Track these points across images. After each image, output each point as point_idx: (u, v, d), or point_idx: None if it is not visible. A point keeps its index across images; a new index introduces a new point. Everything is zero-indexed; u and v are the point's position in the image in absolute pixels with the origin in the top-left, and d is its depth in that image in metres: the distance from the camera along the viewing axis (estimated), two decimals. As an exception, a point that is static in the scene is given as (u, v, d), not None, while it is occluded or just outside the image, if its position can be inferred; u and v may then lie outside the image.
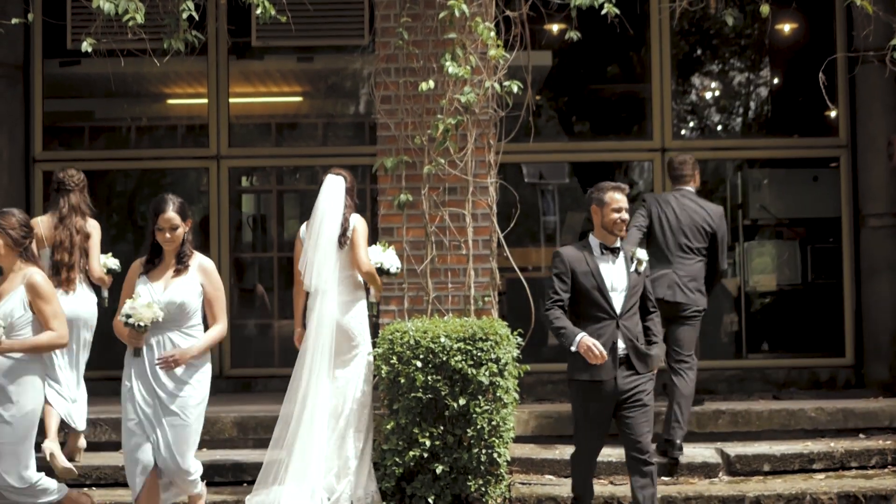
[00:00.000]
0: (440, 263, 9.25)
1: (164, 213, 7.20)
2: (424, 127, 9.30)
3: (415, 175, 9.36)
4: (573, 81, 12.20)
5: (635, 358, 7.46)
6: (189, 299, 7.25)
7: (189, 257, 7.32)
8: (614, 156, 11.88)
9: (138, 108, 12.13)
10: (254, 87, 12.18)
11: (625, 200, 7.46)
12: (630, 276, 7.52)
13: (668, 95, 11.45)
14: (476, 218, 9.35)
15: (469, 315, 9.07)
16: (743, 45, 12.52)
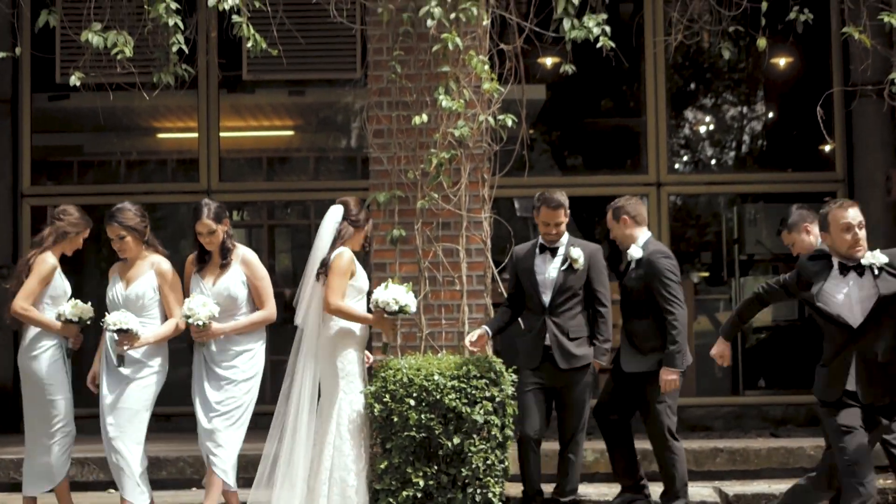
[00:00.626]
0: (433, 299, 9.10)
1: (199, 219, 7.90)
2: (418, 161, 9.17)
3: (408, 210, 9.22)
4: (567, 115, 12.13)
5: (557, 353, 8.05)
6: (236, 291, 7.96)
7: (231, 252, 8.00)
8: (609, 190, 11.59)
9: (128, 143, 12.02)
10: (245, 120, 12.10)
11: (555, 214, 8.16)
12: (562, 273, 8.10)
13: (663, 129, 11.36)
14: (470, 253, 9.21)
15: (463, 352, 8.91)
16: (738, 79, 12.48)
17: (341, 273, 7.92)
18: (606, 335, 8.16)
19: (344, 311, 7.91)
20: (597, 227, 12.67)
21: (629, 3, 11.78)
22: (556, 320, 8.15)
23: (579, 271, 8.16)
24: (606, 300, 8.21)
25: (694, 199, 12.25)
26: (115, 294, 8.02)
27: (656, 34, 10.97)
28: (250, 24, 8.88)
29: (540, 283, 8.20)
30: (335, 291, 7.89)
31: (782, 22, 9.45)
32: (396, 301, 7.89)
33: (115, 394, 7.88)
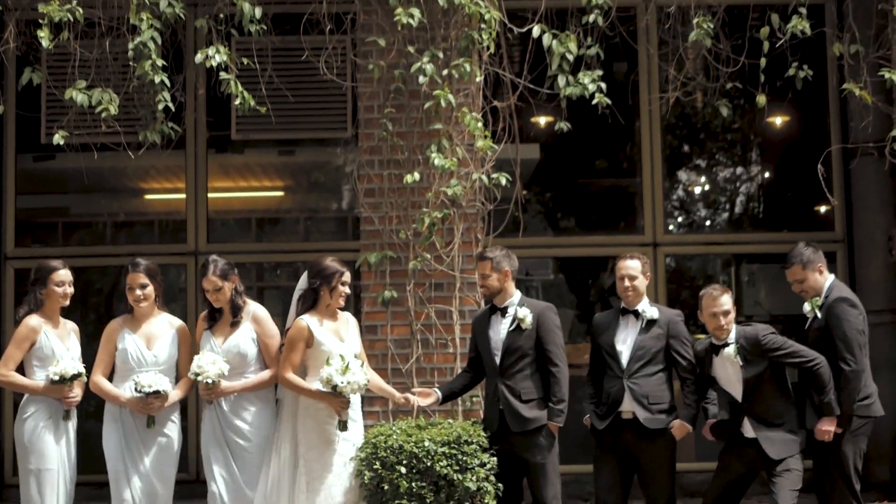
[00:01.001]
0: (426, 362, 8.89)
1: (205, 276, 7.79)
2: (409, 221, 8.99)
3: (399, 271, 9.02)
4: (562, 175, 11.87)
5: (509, 416, 7.80)
6: (245, 348, 7.81)
7: (241, 309, 7.85)
8: (605, 251, 11.44)
9: (114, 203, 11.72)
10: (233, 181, 11.84)
11: (479, 267, 8.04)
12: (510, 334, 7.88)
13: (659, 189, 11.14)
14: (464, 315, 9.01)
15: (457, 416, 8.65)
16: (733, 138, 12.25)
17: (292, 344, 7.64)
18: (560, 395, 7.86)
19: (290, 384, 7.64)
20: (591, 288, 12.41)
21: (623, 63, 11.60)
22: (507, 382, 7.89)
23: (527, 331, 7.90)
24: (558, 359, 7.91)
25: (690, 259, 11.96)
26: (139, 353, 7.89)
27: (651, 92, 10.79)
28: (238, 82, 8.68)
29: (492, 344, 7.97)
30: (283, 363, 7.65)
31: (780, 79, 9.30)
32: (329, 381, 7.47)
33: (152, 457, 7.88)
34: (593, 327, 8.29)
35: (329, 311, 7.73)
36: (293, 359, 7.61)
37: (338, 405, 7.52)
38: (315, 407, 7.61)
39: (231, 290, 7.85)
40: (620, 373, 8.02)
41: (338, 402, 7.50)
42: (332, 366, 7.42)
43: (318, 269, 7.75)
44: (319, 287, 7.69)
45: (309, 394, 7.56)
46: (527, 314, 7.90)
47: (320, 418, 7.61)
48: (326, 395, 7.49)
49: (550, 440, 7.87)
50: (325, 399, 7.51)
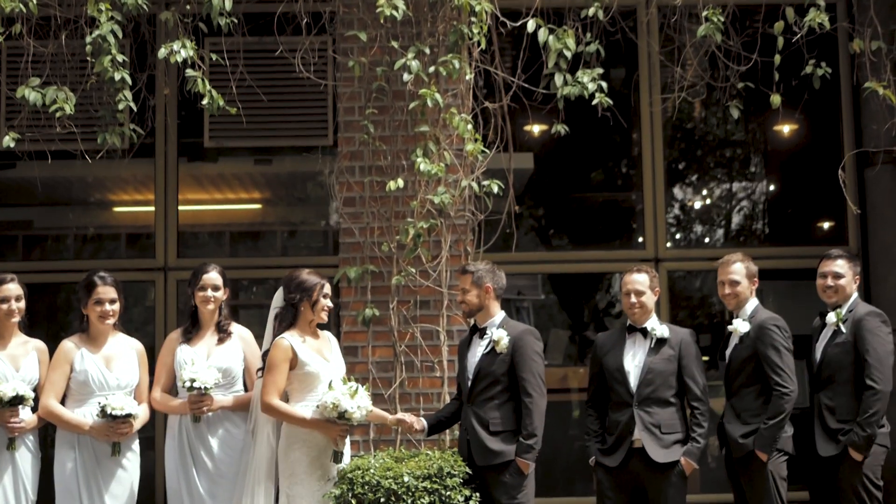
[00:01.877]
0: (410, 387, 8.25)
1: (206, 272, 7.51)
2: (393, 232, 8.35)
3: (382, 287, 8.39)
4: (557, 186, 11.17)
5: (474, 447, 7.18)
6: (233, 365, 7.44)
7: (229, 325, 7.56)
8: (604, 266, 10.81)
9: (78, 216, 11.00)
10: (206, 191, 11.09)
11: (461, 280, 7.40)
12: (483, 357, 7.26)
13: (661, 200, 10.36)
14: (452, 335, 8.39)
15: (444, 446, 7.94)
16: (740, 149, 11.56)
17: (274, 366, 6.99)
18: (531, 429, 7.13)
19: (276, 411, 7.00)
20: (586, 307, 11.71)
21: (621, 69, 10.93)
22: (476, 410, 7.24)
23: (502, 355, 7.23)
24: (533, 389, 7.18)
25: (693, 275, 11.29)
26: (100, 375, 7.37)
27: (653, 94, 10.06)
28: (206, 80, 7.95)
29: (467, 368, 7.36)
30: (267, 388, 6.99)
31: (790, 81, 8.61)
32: (335, 406, 6.85)
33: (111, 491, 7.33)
34: (596, 347, 7.61)
35: (311, 329, 7.15)
36: (278, 382, 6.97)
37: (337, 433, 6.91)
38: (305, 437, 6.96)
39: (224, 299, 7.60)
40: (629, 398, 7.33)
41: (338, 430, 6.90)
42: (335, 389, 6.83)
43: (296, 282, 7.15)
44: (299, 302, 7.10)
45: (300, 422, 6.91)
46: (502, 336, 7.25)
47: (312, 449, 6.96)
48: (322, 423, 6.89)
49: (519, 479, 7.13)
50: (319, 427, 6.90)
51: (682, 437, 7.33)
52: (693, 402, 7.36)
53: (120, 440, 7.27)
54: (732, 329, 7.52)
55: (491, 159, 8.35)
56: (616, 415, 7.42)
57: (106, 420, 7.20)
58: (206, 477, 7.33)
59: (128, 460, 7.36)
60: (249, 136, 9.97)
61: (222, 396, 7.41)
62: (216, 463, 7.34)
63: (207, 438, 7.36)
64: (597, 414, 7.60)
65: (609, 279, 11.53)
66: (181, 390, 7.43)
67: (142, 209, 10.70)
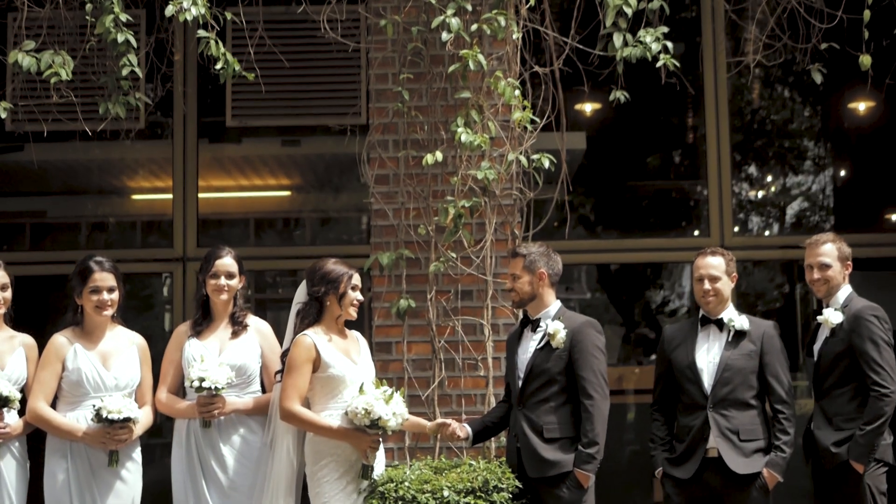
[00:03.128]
0: (451, 388, 7.37)
1: (219, 258, 6.66)
2: (431, 213, 7.45)
3: (419, 275, 7.50)
4: (611, 167, 10.32)
5: (525, 456, 6.27)
6: (249, 362, 6.61)
7: (245, 317, 6.72)
8: (664, 256, 9.88)
9: (92, 203, 10.26)
10: (229, 176, 10.27)
11: (510, 266, 6.55)
12: (536, 353, 6.35)
13: (726, 181, 9.34)
14: (497, 329, 7.48)
15: (489, 455, 7.04)
16: (812, 126, 10.63)
17: (295, 367, 6.15)
18: (592, 436, 6.18)
19: (298, 419, 6.14)
20: (643, 297, 10.78)
21: (680, 44, 9.98)
22: (528, 414, 6.32)
23: (558, 351, 6.29)
24: (595, 390, 6.23)
25: (762, 264, 10.41)
26: (96, 374, 6.50)
27: (719, 62, 9.05)
28: (220, 42, 7.06)
29: (518, 366, 6.45)
30: (287, 392, 6.14)
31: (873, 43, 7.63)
32: (368, 412, 6.00)
33: None
34: (663, 342, 6.68)
35: (338, 327, 6.33)
36: (300, 385, 6.13)
37: (368, 444, 6.06)
38: (334, 450, 6.13)
39: (240, 288, 6.74)
40: (703, 400, 6.38)
41: (369, 440, 6.05)
42: (367, 393, 5.99)
43: (320, 273, 6.34)
44: (324, 295, 6.28)
45: (327, 432, 6.08)
46: (558, 329, 6.32)
47: (341, 464, 6.12)
48: (352, 433, 6.06)
49: (578, 493, 6.20)
50: (348, 437, 6.06)
51: (765, 445, 6.40)
52: (777, 405, 6.41)
53: (118, 448, 6.41)
54: (822, 320, 6.54)
55: (539, 138, 7.46)
56: (687, 419, 6.48)
57: (102, 425, 6.36)
58: (216, 490, 6.50)
59: (127, 471, 6.51)
60: (275, 114, 9.19)
61: (236, 398, 6.58)
62: (229, 475, 6.51)
63: (219, 446, 6.53)
64: (664, 418, 6.66)
65: (669, 270, 10.63)
66: (189, 391, 6.61)
67: (159, 196, 9.90)
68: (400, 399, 6.08)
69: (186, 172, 9.43)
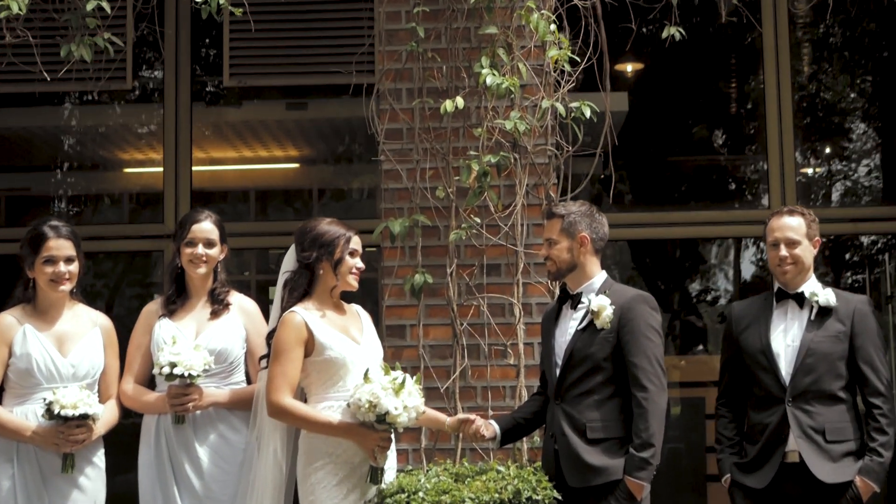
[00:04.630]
0: (475, 379, 6.35)
1: (196, 222, 5.71)
2: (451, 174, 6.42)
3: (437, 246, 6.48)
4: (658, 131, 9.26)
5: (564, 460, 5.20)
6: (231, 347, 5.65)
7: (227, 294, 5.75)
8: (718, 230, 8.80)
9: (75, 175, 9.35)
10: (228, 142, 9.32)
11: (546, 229, 5.50)
12: (577, 334, 5.28)
13: (788, 145, 8.26)
14: (530, 310, 6.45)
15: (521, 458, 6.08)
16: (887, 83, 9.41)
17: (283, 351, 5.14)
18: (646, 437, 5.09)
19: (289, 414, 5.13)
20: (693, 275, 10.09)
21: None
22: (567, 409, 5.26)
23: (603, 332, 5.21)
24: (649, 380, 5.14)
25: (833, 241, 9.56)
26: (48, 361, 5.54)
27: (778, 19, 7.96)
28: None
29: (555, 350, 5.40)
30: (275, 382, 5.12)
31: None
32: (373, 404, 4.95)
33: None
34: (731, 322, 5.61)
35: (333, 300, 5.30)
36: (289, 373, 5.11)
37: (375, 443, 5.03)
38: (332, 449, 5.11)
39: (221, 259, 5.80)
40: (780, 392, 5.31)
41: (376, 438, 5.02)
42: (373, 382, 4.95)
43: (312, 235, 5.31)
44: (316, 262, 5.27)
45: (324, 428, 5.06)
46: (604, 305, 5.22)
47: (341, 466, 5.11)
48: (355, 430, 5.02)
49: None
50: (351, 435, 5.03)
51: (856, 447, 5.35)
52: (871, 398, 5.35)
53: (73, 451, 5.40)
54: None
55: (574, 99, 6.38)
56: (760, 415, 5.40)
57: (54, 423, 5.36)
58: (191, 499, 5.52)
59: (86, 478, 5.51)
60: (278, 72, 8.13)
61: (216, 389, 5.59)
62: (205, 480, 5.51)
63: (194, 447, 5.53)
64: (732, 415, 5.57)
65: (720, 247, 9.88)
66: (159, 380, 5.62)
67: (149, 167, 9.04)
68: (414, 388, 5.02)
69: (179, 140, 8.45)
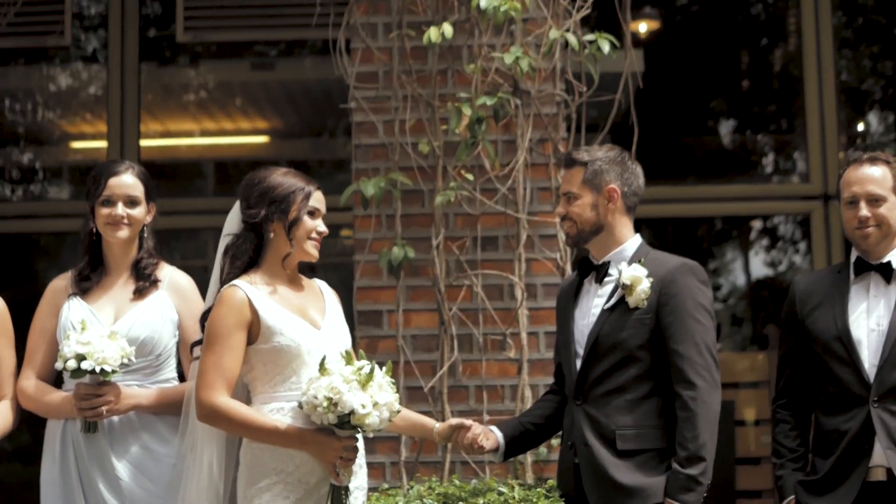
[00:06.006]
0: (467, 376, 5.35)
1: (114, 174, 4.71)
2: (437, 125, 5.38)
3: (420, 214, 5.45)
4: (680, 93, 8.37)
5: (587, 478, 4.13)
6: (158, 335, 4.66)
7: (155, 268, 4.72)
8: (751, 207, 7.96)
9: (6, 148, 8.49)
10: (182, 108, 8.43)
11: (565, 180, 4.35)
12: (604, 314, 4.19)
13: (831, 113, 7.45)
14: (534, 292, 5.42)
15: (524, 475, 5.06)
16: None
17: (219, 336, 4.08)
18: (694, 448, 3.98)
19: (224, 417, 4.07)
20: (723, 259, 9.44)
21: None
22: (590, 411, 4.12)
23: (638, 312, 4.10)
24: (697, 374, 4.04)
25: None
26: None
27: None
28: None
29: (576, 338, 4.30)
30: (207, 376, 4.07)
31: None
32: (333, 401, 3.86)
33: None
34: (794, 301, 4.52)
35: (287, 273, 4.22)
36: (227, 365, 4.04)
37: (337, 455, 3.95)
38: (281, 464, 4.04)
39: (147, 224, 4.74)
40: (862, 389, 4.23)
41: (338, 447, 3.95)
42: (332, 373, 3.89)
43: (261, 188, 4.23)
44: (266, 222, 4.17)
45: (271, 436, 4.02)
46: (639, 278, 4.09)
47: (294, 487, 4.03)
48: (311, 437, 3.98)
49: None
50: (306, 444, 3.98)
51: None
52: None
53: None
54: None
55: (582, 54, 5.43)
56: (836, 420, 4.29)
57: None
58: None
59: None
60: (242, 25, 7.30)
61: (139, 389, 4.52)
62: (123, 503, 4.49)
63: (110, 461, 4.47)
64: (794, 420, 4.44)
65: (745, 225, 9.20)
66: (66, 376, 4.58)
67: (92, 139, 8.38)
68: (385, 380, 3.94)
69: (126, 105, 7.65)
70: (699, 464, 3.92)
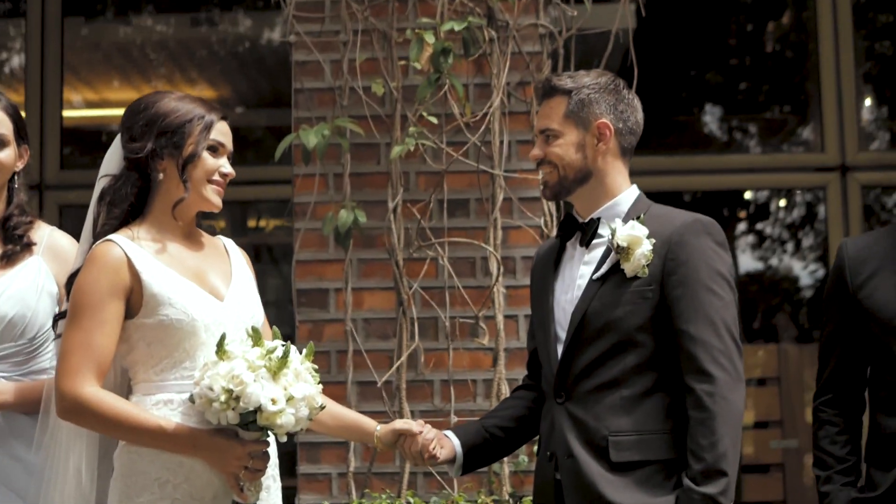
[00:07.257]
0: (431, 369, 4.58)
1: None
2: (395, 64, 4.58)
3: (374, 173, 4.65)
4: (680, 53, 7.81)
5: (573, 498, 3.33)
6: (31, 311, 3.86)
7: (29, 228, 3.88)
8: (761, 179, 7.44)
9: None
10: (112, 67, 7.81)
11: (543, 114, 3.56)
12: (592, 288, 3.34)
13: (849, 75, 6.96)
14: (512, 266, 4.64)
15: (500, 489, 4.25)
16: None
17: (88, 308, 3.31)
18: (711, 458, 3.15)
19: (92, 413, 3.32)
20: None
21: None
22: (575, 412, 3.33)
23: (637, 283, 3.32)
24: (712, 361, 3.22)
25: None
26: None
27: None
28: None
29: (555, 315, 3.50)
30: (71, 360, 3.30)
31: None
32: (232, 394, 3.09)
33: None
34: (844, 268, 3.68)
35: (181, 226, 3.45)
36: (97, 344, 3.31)
37: (241, 464, 3.23)
38: (166, 473, 3.25)
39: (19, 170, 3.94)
40: None
41: (242, 454, 3.23)
42: (232, 356, 3.17)
43: (148, 115, 3.42)
44: (153, 159, 3.42)
45: (156, 437, 3.30)
46: (638, 238, 3.27)
47: (187, 500, 3.26)
48: (205, 440, 3.27)
49: None
50: (199, 449, 3.26)
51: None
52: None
53: None
54: None
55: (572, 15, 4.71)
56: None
57: None
58: None
59: None
60: None
61: (5, 382, 3.74)
62: None
63: None
64: (843, 421, 3.55)
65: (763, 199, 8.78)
66: None
67: None
68: (304, 367, 3.14)
69: (46, 65, 7.13)
70: (719, 480, 3.03)
